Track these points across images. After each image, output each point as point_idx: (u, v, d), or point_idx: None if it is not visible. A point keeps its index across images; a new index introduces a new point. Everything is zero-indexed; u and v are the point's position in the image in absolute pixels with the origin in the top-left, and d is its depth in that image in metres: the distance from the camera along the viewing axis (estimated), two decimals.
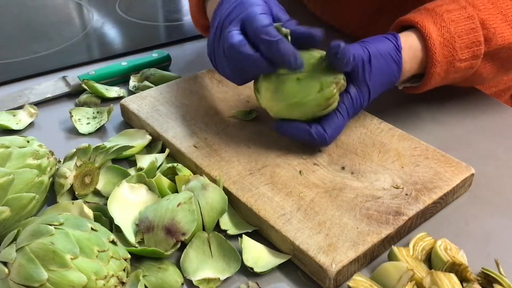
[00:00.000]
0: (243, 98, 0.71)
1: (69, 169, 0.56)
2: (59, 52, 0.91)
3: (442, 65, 0.62)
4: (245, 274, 0.51)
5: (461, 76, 0.65)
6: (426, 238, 0.52)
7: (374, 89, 0.60)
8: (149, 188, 0.56)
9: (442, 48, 0.61)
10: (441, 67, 0.62)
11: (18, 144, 0.53)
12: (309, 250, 0.49)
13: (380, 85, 0.60)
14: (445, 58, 0.62)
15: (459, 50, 0.62)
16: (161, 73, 0.80)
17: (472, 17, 0.62)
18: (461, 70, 0.64)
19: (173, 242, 0.51)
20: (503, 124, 0.71)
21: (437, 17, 0.62)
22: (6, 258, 0.44)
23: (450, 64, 0.62)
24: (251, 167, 0.59)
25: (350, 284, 0.46)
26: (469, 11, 0.62)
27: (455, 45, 0.61)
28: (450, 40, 0.61)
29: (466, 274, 0.48)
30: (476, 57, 0.63)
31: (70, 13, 1.09)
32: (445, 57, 0.62)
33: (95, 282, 0.43)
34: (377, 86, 0.60)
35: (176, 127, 0.65)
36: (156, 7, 1.12)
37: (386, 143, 0.63)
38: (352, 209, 0.53)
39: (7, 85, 0.81)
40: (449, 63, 0.62)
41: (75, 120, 0.70)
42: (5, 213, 0.49)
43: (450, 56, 0.62)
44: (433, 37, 0.61)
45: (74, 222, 0.46)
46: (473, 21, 0.62)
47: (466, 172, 0.58)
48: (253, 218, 0.54)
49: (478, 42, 0.62)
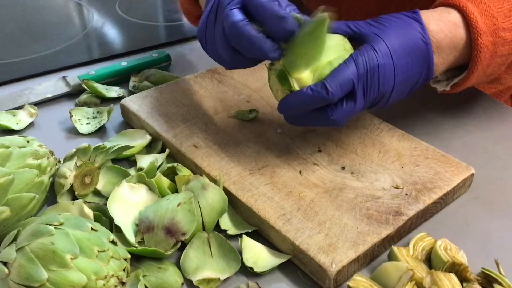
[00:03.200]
0: (243, 98, 0.71)
1: (69, 169, 0.56)
2: (59, 52, 0.91)
3: (487, 35, 0.58)
4: (245, 274, 0.51)
5: (509, 51, 0.60)
6: (426, 238, 0.52)
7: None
8: (149, 188, 0.56)
9: (482, 17, 0.57)
10: (486, 37, 0.58)
11: (18, 144, 0.53)
12: (309, 250, 0.49)
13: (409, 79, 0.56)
14: (488, 28, 0.57)
15: (499, 18, 0.58)
16: (161, 73, 0.80)
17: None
18: (507, 43, 0.59)
19: (173, 242, 0.51)
20: (503, 124, 0.71)
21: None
22: (6, 258, 0.44)
23: (494, 34, 0.58)
24: (251, 167, 0.59)
25: (350, 284, 0.46)
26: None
27: (493, 13, 0.58)
28: (487, 9, 0.58)
29: (466, 274, 0.48)
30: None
31: (70, 13, 1.09)
32: (487, 26, 0.57)
33: (95, 282, 0.43)
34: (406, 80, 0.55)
35: (176, 127, 0.65)
36: (156, 7, 1.12)
37: (386, 143, 0.63)
38: (352, 209, 0.53)
39: (7, 85, 0.81)
40: (493, 32, 0.58)
41: (75, 120, 0.70)
42: (5, 213, 0.49)
43: (492, 24, 0.58)
44: (470, 7, 0.57)
45: (74, 222, 0.46)
46: None
47: (466, 172, 0.58)
48: (253, 218, 0.54)
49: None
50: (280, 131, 0.65)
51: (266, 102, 0.70)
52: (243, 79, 0.75)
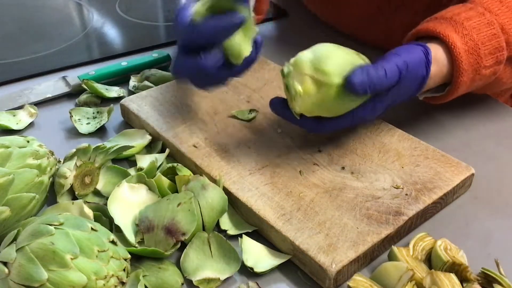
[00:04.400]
0: (243, 98, 0.71)
1: (69, 169, 0.56)
2: (59, 52, 0.91)
3: (468, 73, 0.61)
4: (245, 274, 0.51)
5: (484, 83, 0.64)
6: (426, 238, 0.52)
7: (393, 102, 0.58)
8: (149, 188, 0.56)
9: (468, 56, 0.60)
10: (467, 75, 0.61)
11: (18, 144, 0.53)
12: (309, 250, 0.49)
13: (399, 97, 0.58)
14: (471, 66, 0.60)
15: (483, 57, 0.61)
16: (161, 73, 0.80)
17: (492, 23, 0.61)
18: (485, 77, 0.63)
19: (173, 242, 0.51)
20: (503, 124, 0.71)
21: (458, 26, 0.60)
22: (6, 258, 0.44)
23: (475, 72, 0.61)
24: (251, 167, 0.59)
25: (350, 284, 0.46)
26: (488, 17, 0.61)
27: (479, 52, 0.60)
28: (474, 47, 0.60)
29: (466, 274, 0.48)
30: (499, 63, 0.62)
31: (70, 13, 1.09)
32: (471, 65, 0.60)
33: (95, 282, 0.43)
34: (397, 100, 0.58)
35: (176, 127, 0.65)
36: (156, 7, 1.12)
37: (386, 143, 0.63)
38: (352, 209, 0.53)
39: (7, 85, 0.81)
40: (475, 71, 0.61)
41: (75, 120, 0.70)
42: (5, 213, 0.49)
43: (475, 64, 0.60)
44: (458, 46, 0.59)
45: (74, 222, 0.46)
46: (493, 26, 0.61)
47: (466, 172, 0.58)
48: (253, 218, 0.54)
49: (500, 47, 0.61)
50: (280, 131, 0.65)
51: (266, 102, 0.70)
52: (243, 79, 0.75)
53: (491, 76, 0.63)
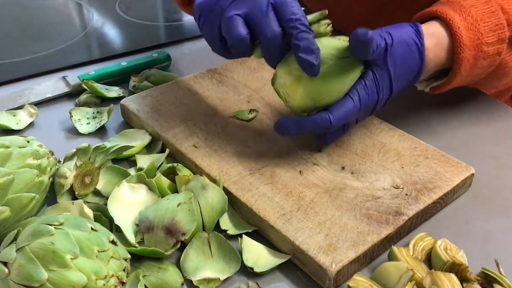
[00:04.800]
0: (243, 98, 0.71)
1: (69, 169, 0.56)
2: (59, 52, 0.91)
3: (470, 49, 0.60)
4: (245, 274, 0.51)
5: (489, 64, 0.63)
6: (426, 238, 0.52)
7: (396, 77, 0.57)
8: (149, 188, 0.56)
9: (467, 31, 0.59)
10: (469, 51, 0.60)
11: (18, 144, 0.53)
12: (309, 250, 0.49)
13: (402, 75, 0.58)
14: (472, 42, 0.59)
15: (484, 33, 0.60)
16: (161, 73, 0.80)
17: (490, 2, 0.61)
18: (489, 56, 0.62)
19: (173, 242, 0.51)
20: (503, 124, 0.71)
21: (456, 5, 0.60)
22: (6, 258, 0.44)
23: (477, 48, 0.60)
24: (251, 167, 0.59)
25: (350, 284, 0.46)
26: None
27: (479, 28, 0.60)
28: (473, 23, 0.59)
29: (466, 274, 0.48)
30: (502, 41, 0.61)
31: (70, 13, 1.09)
32: (471, 40, 0.59)
33: (95, 282, 0.43)
34: (399, 76, 0.57)
35: (176, 127, 0.65)
36: (156, 7, 1.12)
37: (386, 143, 0.63)
38: (352, 209, 0.53)
39: (7, 85, 0.81)
40: (477, 47, 0.60)
41: (75, 120, 0.70)
42: (5, 213, 0.49)
43: (476, 39, 0.60)
44: (457, 21, 0.59)
45: (74, 222, 0.46)
46: (492, 5, 0.61)
47: (466, 172, 0.58)
48: (253, 218, 0.54)
49: (501, 25, 0.61)
50: None
51: (266, 102, 0.70)
52: (243, 79, 0.75)
53: (494, 56, 0.62)
